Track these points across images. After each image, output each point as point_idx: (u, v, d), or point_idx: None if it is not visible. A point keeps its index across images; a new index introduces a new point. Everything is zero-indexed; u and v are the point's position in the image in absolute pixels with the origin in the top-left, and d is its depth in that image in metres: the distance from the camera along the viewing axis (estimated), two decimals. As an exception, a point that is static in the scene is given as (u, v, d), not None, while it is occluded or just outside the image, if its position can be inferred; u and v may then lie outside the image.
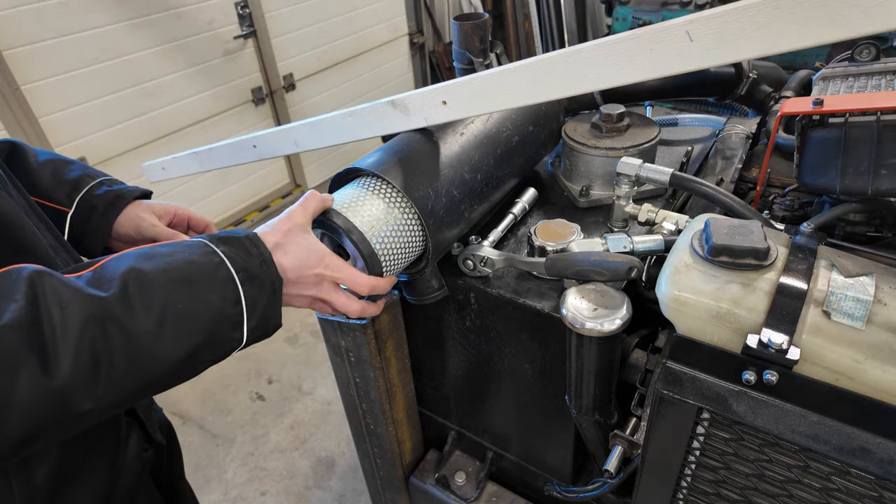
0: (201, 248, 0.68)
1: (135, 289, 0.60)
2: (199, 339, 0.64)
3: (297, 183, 4.14)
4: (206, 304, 0.65)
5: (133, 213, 0.96)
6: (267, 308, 0.71)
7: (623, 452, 0.95)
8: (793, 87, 1.33)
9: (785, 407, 0.67)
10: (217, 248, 0.69)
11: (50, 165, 0.95)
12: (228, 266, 0.68)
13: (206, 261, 0.67)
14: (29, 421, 0.54)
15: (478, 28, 1.17)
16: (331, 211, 0.84)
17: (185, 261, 0.66)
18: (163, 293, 0.62)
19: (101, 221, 0.94)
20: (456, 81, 0.84)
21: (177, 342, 0.63)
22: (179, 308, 0.63)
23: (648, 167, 0.99)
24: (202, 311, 0.65)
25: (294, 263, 0.76)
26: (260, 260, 0.71)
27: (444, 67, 4.90)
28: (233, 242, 0.71)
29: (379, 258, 0.85)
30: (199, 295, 0.65)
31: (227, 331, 0.67)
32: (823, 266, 0.69)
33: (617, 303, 0.84)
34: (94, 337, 0.56)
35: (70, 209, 0.92)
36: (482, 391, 1.21)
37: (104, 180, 0.98)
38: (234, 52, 3.42)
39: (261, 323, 0.71)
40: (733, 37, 0.63)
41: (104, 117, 2.90)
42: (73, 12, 2.65)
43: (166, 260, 0.65)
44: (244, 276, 0.68)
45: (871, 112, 0.92)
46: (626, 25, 1.99)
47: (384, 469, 1.42)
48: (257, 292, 0.69)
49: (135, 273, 0.62)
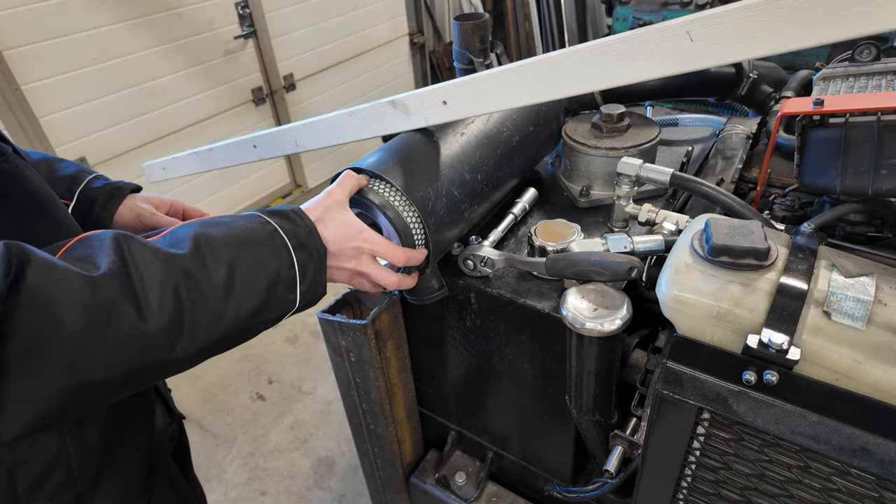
0: (256, 218, 0.74)
1: (206, 248, 0.66)
2: (261, 297, 0.69)
3: (297, 183, 4.14)
4: (266, 265, 0.70)
5: (132, 203, 1.01)
6: (315, 274, 0.76)
7: (623, 452, 0.95)
8: (793, 88, 1.33)
9: (785, 407, 0.67)
10: (270, 218, 0.74)
11: (44, 163, 0.99)
12: (282, 234, 0.73)
13: (262, 229, 0.72)
14: (128, 363, 0.59)
15: (478, 28, 1.17)
16: (365, 189, 0.88)
17: (244, 227, 0.71)
18: (229, 253, 0.67)
19: (102, 212, 0.98)
20: (456, 81, 0.84)
21: (243, 299, 0.68)
22: (244, 267, 0.68)
23: (649, 167, 0.99)
24: (263, 272, 0.70)
25: (335, 236, 0.80)
26: (307, 230, 0.76)
27: (444, 67, 4.90)
28: (281, 215, 0.76)
29: (412, 232, 0.89)
30: (260, 256, 0.70)
31: (284, 292, 0.73)
32: (824, 266, 0.69)
33: (617, 303, 0.84)
34: (176, 288, 0.61)
35: (71, 202, 0.96)
36: (482, 391, 1.21)
37: (98, 175, 1.02)
38: (235, 52, 3.42)
39: (310, 288, 0.76)
40: (734, 37, 0.63)
41: (104, 117, 2.90)
42: (73, 12, 2.65)
43: (228, 226, 0.70)
44: (295, 243, 0.74)
45: (872, 112, 0.92)
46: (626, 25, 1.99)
47: (384, 469, 1.42)
48: (307, 258, 0.75)
49: (203, 236, 0.67)
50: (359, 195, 0.88)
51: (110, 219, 0.99)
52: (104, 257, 0.59)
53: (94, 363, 0.56)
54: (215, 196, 3.60)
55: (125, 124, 3.00)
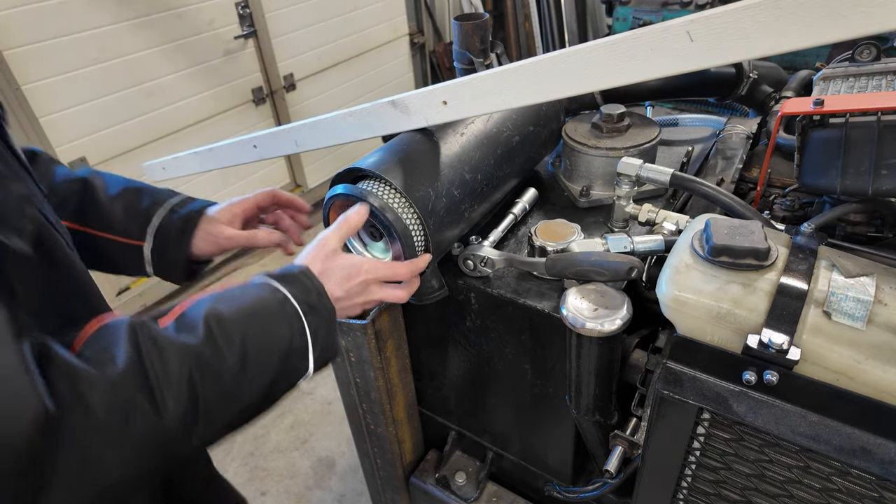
0: (266, 287, 0.74)
1: (217, 329, 0.65)
2: (274, 370, 0.70)
3: (298, 183, 4.14)
4: (277, 337, 0.70)
5: (205, 232, 0.99)
6: (327, 337, 0.77)
7: (623, 453, 0.95)
8: (793, 88, 1.33)
9: (785, 407, 0.67)
10: (280, 285, 0.74)
11: (121, 199, 0.96)
12: (292, 301, 0.73)
13: (273, 298, 0.72)
14: (146, 459, 0.58)
15: (478, 28, 1.17)
16: (365, 191, 0.88)
17: (255, 298, 0.71)
18: (241, 330, 0.67)
19: (175, 250, 0.97)
20: (456, 81, 0.84)
21: (256, 376, 0.67)
22: (256, 342, 0.68)
23: (649, 167, 0.99)
24: (275, 344, 0.70)
25: (340, 281, 0.81)
26: (317, 293, 0.77)
27: (444, 67, 4.90)
28: (291, 279, 0.76)
29: (411, 233, 0.90)
30: (272, 328, 0.70)
31: (297, 361, 0.73)
32: (824, 266, 0.69)
33: (617, 303, 0.84)
34: (190, 376, 0.61)
35: (145, 242, 0.96)
36: (482, 391, 1.21)
37: (173, 205, 0.99)
38: (235, 52, 3.42)
39: (323, 353, 0.76)
40: (734, 37, 0.63)
41: (104, 117, 2.90)
42: (73, 12, 2.65)
43: (239, 300, 0.70)
44: (306, 309, 0.74)
45: (872, 112, 0.92)
46: (626, 26, 1.99)
47: (384, 469, 1.42)
48: (318, 322, 0.75)
49: (215, 316, 0.66)
50: (359, 197, 0.88)
51: (185, 254, 0.98)
52: (121, 351, 0.59)
53: (112, 465, 0.55)
54: (215, 196, 3.56)
55: (125, 124, 3.00)
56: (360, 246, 1.00)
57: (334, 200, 0.93)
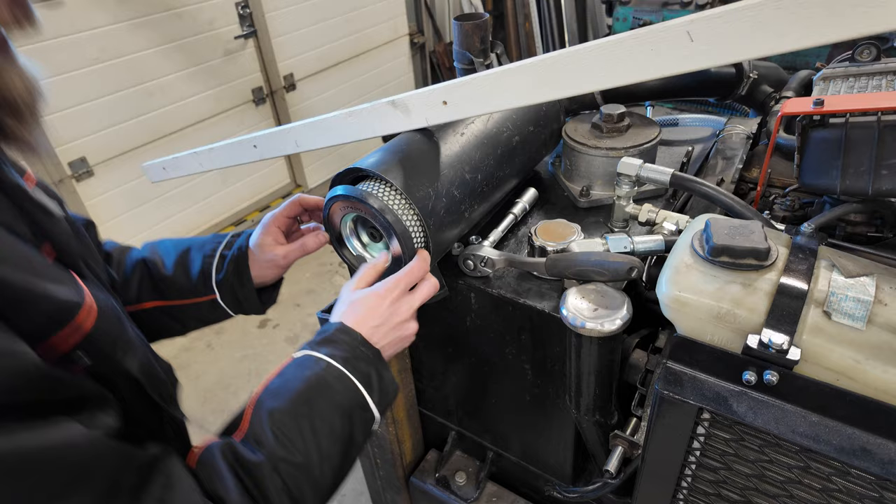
0: (309, 360, 0.77)
1: (284, 430, 0.70)
2: (344, 435, 0.74)
3: (298, 183, 4.14)
4: (335, 405, 0.75)
5: (260, 262, 1.02)
6: (380, 378, 0.80)
7: (623, 453, 0.95)
8: (793, 88, 1.33)
9: (785, 407, 0.67)
10: (321, 353, 0.77)
11: (180, 266, 1.02)
12: (336, 365, 0.77)
13: (318, 369, 0.76)
14: None
15: (478, 28, 1.17)
16: (365, 192, 0.88)
17: (303, 381, 0.75)
18: (303, 422, 0.72)
19: (242, 291, 1.02)
20: (456, 81, 0.84)
21: (332, 448, 0.73)
22: (320, 423, 0.73)
23: (649, 167, 0.99)
24: (336, 413, 0.74)
25: (372, 317, 0.84)
26: (356, 343, 0.80)
27: (444, 67, 4.90)
28: (328, 342, 0.79)
29: (411, 234, 0.90)
30: (328, 401, 0.74)
31: (361, 415, 0.77)
32: (824, 266, 0.69)
33: (617, 303, 0.84)
34: (284, 487, 0.67)
35: (216, 295, 1.01)
36: (482, 391, 1.21)
37: (221, 252, 1.02)
38: (235, 52, 3.42)
39: (382, 396, 0.80)
40: (734, 37, 0.63)
41: (104, 117, 2.90)
42: (73, 12, 2.65)
43: (290, 390, 0.74)
44: (351, 365, 0.77)
45: (872, 112, 0.92)
46: (626, 26, 1.99)
47: (384, 469, 1.42)
48: (367, 369, 0.79)
49: (275, 417, 0.71)
50: (359, 198, 0.89)
51: (253, 291, 1.02)
52: (224, 481, 0.65)
53: None
54: (216, 196, 3.60)
55: (125, 124, 3.00)
56: (361, 247, 1.00)
57: (335, 201, 0.93)
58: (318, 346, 0.79)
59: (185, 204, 3.41)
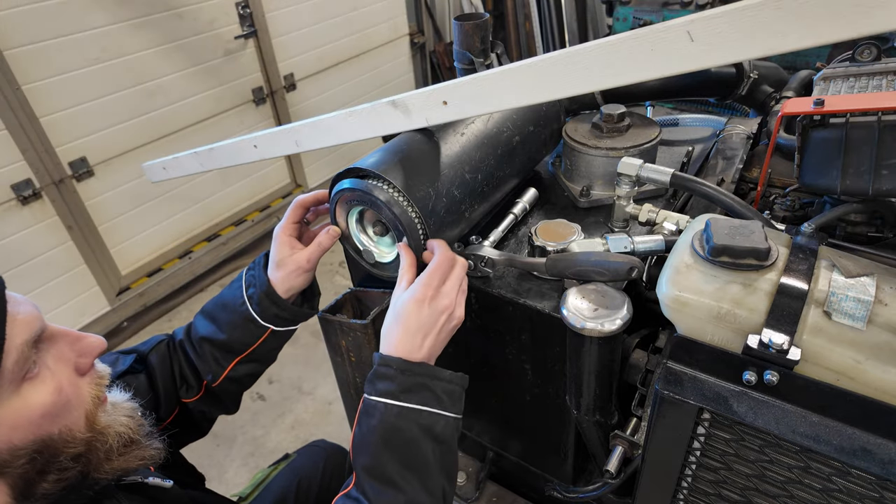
0: (369, 406, 0.82)
1: (378, 481, 0.78)
2: (430, 449, 0.81)
3: (298, 183, 4.14)
4: (410, 439, 0.80)
5: (285, 278, 1.03)
6: (441, 391, 0.84)
7: (623, 453, 0.95)
8: (794, 88, 1.33)
9: (786, 407, 0.67)
10: (375, 396, 0.82)
11: (226, 327, 1.05)
12: (392, 403, 0.81)
13: (379, 415, 0.80)
14: None
15: (478, 28, 1.17)
16: (371, 186, 0.89)
17: (373, 432, 0.80)
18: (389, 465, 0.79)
19: (286, 309, 1.05)
20: (457, 81, 0.84)
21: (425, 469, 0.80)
22: (407, 456, 0.79)
23: (649, 167, 0.99)
24: (412, 444, 0.80)
25: (412, 326, 0.85)
26: (399, 370, 0.82)
27: (444, 67, 4.89)
28: (379, 378, 0.83)
29: (417, 227, 0.91)
30: (403, 438, 0.80)
31: (441, 425, 0.82)
32: (824, 266, 0.69)
33: (617, 303, 0.84)
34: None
35: (271, 328, 1.06)
36: (482, 391, 1.21)
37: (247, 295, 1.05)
38: (235, 52, 3.42)
39: (448, 396, 0.85)
40: (734, 37, 0.63)
41: (105, 117, 2.90)
42: (74, 12, 2.65)
43: (368, 443, 0.80)
44: (405, 395, 0.81)
45: (872, 112, 0.92)
46: (626, 25, 1.99)
47: (384, 469, 1.41)
48: (420, 389, 0.82)
49: (368, 471, 0.79)
50: (364, 192, 0.89)
51: (295, 305, 1.06)
52: None
53: None
54: (216, 196, 3.60)
55: (125, 124, 3.00)
56: (369, 242, 1.01)
57: (342, 195, 0.94)
58: (371, 385, 0.83)
59: (185, 204, 3.41)
